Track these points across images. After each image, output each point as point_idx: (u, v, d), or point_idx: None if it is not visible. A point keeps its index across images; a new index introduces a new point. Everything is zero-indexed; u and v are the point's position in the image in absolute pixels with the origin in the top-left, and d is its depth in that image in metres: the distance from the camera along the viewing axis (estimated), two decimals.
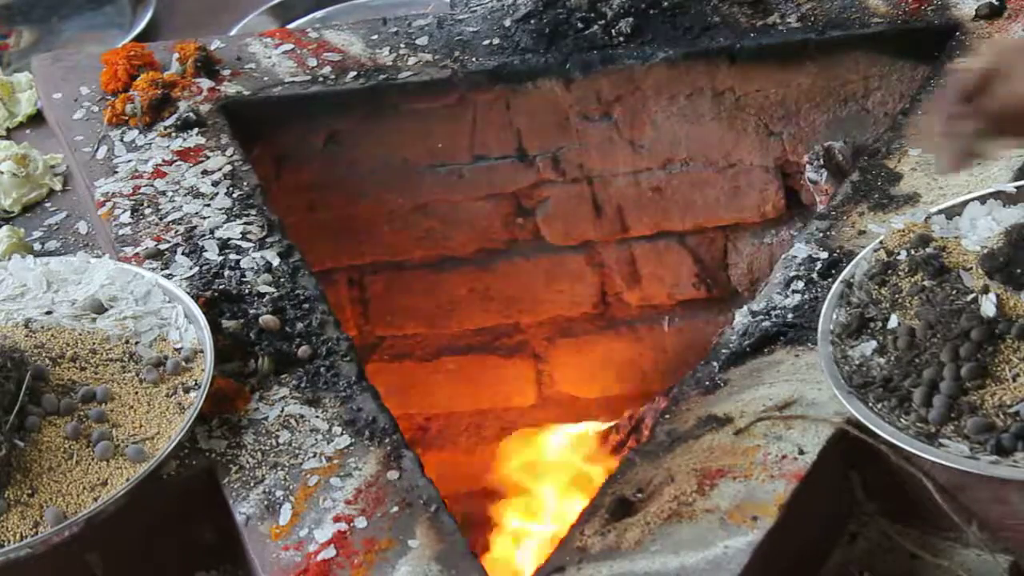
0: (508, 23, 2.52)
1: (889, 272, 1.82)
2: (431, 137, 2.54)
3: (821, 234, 2.02)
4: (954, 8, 2.44)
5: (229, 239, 2.09)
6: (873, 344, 1.75)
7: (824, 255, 1.97)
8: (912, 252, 1.82)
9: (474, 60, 2.48)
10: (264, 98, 2.44)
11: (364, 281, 2.71)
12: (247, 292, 1.99)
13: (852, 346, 1.77)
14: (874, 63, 2.45)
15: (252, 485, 1.73)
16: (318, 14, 3.12)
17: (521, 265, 2.72)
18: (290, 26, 2.96)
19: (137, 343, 1.85)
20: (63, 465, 1.69)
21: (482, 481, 2.79)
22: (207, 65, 2.47)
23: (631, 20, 2.47)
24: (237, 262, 2.05)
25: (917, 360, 1.70)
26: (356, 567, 1.62)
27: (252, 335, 1.92)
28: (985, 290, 1.72)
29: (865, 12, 2.46)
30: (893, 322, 1.76)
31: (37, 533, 1.63)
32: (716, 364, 1.86)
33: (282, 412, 1.81)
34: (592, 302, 2.78)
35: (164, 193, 2.21)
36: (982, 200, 1.87)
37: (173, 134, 2.34)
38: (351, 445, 1.76)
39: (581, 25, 2.49)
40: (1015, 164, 2.04)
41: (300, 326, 1.94)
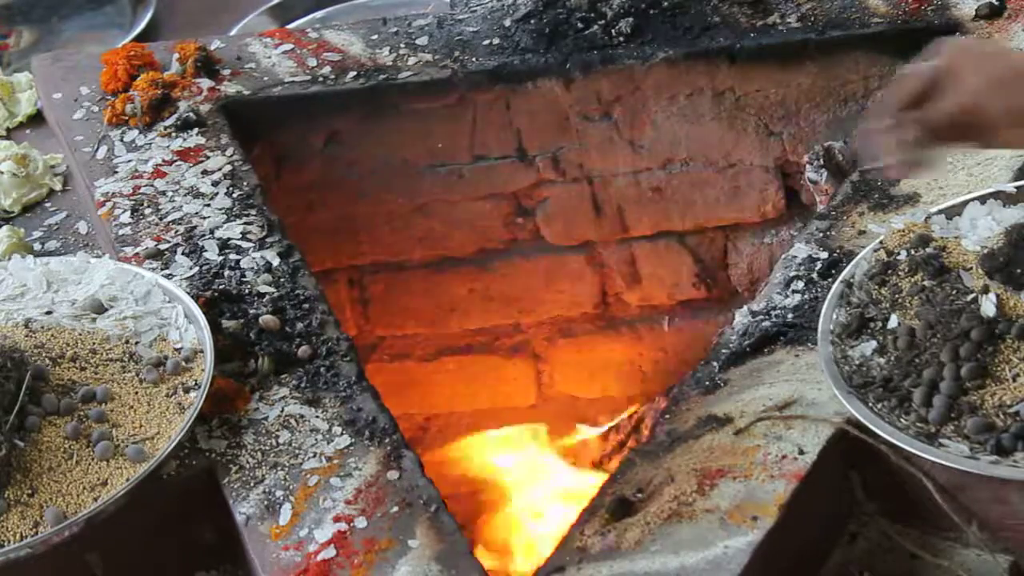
0: (508, 23, 2.52)
1: (889, 272, 1.82)
2: (431, 137, 2.54)
3: (821, 234, 2.02)
4: (954, 8, 2.44)
5: (229, 239, 2.09)
6: (873, 344, 1.75)
7: (824, 255, 1.97)
8: (912, 252, 1.82)
9: (474, 60, 2.48)
10: (264, 98, 2.44)
11: (364, 281, 2.71)
12: (247, 292, 1.99)
13: (852, 346, 1.76)
14: (874, 63, 2.45)
15: (252, 485, 1.72)
16: (318, 14, 3.12)
17: (521, 265, 2.72)
18: (290, 26, 2.96)
19: (137, 343, 1.85)
20: (63, 465, 1.69)
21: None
22: (207, 65, 2.47)
23: (631, 20, 2.46)
24: (237, 262, 2.05)
25: (917, 360, 1.70)
26: (356, 567, 1.62)
27: (252, 335, 1.92)
28: (985, 290, 1.72)
29: (865, 12, 2.45)
30: (893, 322, 1.75)
31: (37, 533, 1.63)
32: (716, 364, 1.86)
33: (282, 412, 1.81)
34: (592, 302, 2.78)
35: (164, 193, 2.21)
36: (982, 200, 1.87)
37: (173, 134, 2.34)
38: (351, 445, 1.76)
39: (581, 25, 2.48)
40: (1015, 164, 2.04)
41: (300, 326, 1.94)
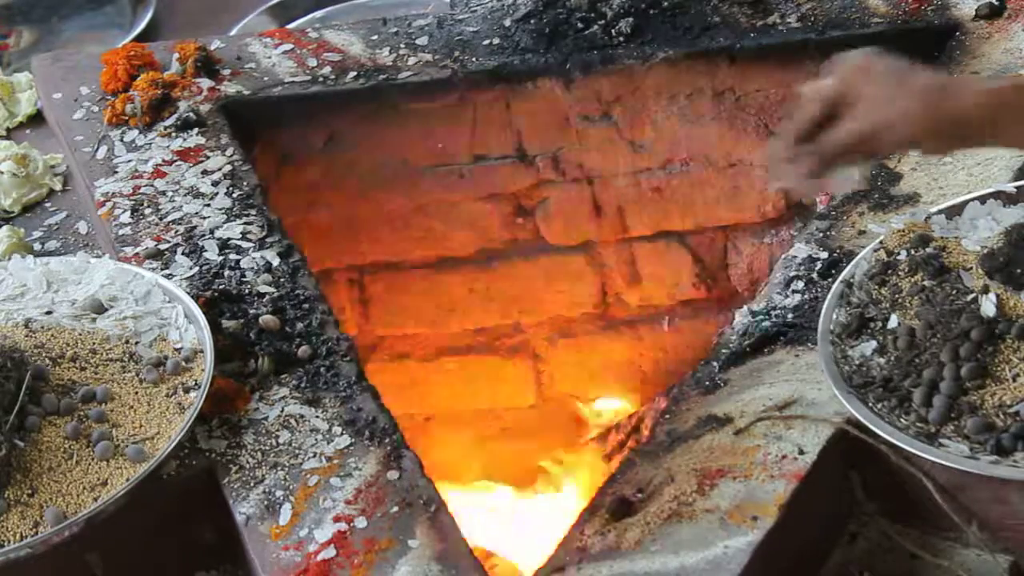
0: (508, 23, 2.52)
1: (889, 272, 1.82)
2: (431, 137, 2.54)
3: (821, 234, 2.02)
4: (954, 8, 2.44)
5: (229, 239, 2.09)
6: (873, 344, 1.75)
7: (824, 255, 1.97)
8: (912, 252, 1.82)
9: (474, 60, 2.48)
10: (264, 98, 2.44)
11: (364, 281, 2.71)
12: (247, 292, 1.99)
13: (852, 346, 1.76)
14: None
15: (252, 485, 1.72)
16: (318, 14, 3.12)
17: (521, 265, 2.72)
18: (290, 26, 2.96)
19: (137, 343, 1.85)
20: (63, 465, 1.69)
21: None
22: (207, 65, 2.47)
23: (631, 20, 2.47)
24: (237, 262, 2.05)
25: (917, 360, 1.70)
26: (356, 567, 1.62)
27: (252, 335, 1.91)
28: (985, 290, 1.72)
29: (865, 12, 2.46)
30: (893, 322, 1.75)
31: (37, 533, 1.63)
32: (716, 364, 1.86)
33: (282, 412, 1.81)
34: (592, 302, 2.78)
35: (164, 193, 2.21)
36: (982, 200, 1.87)
37: (173, 134, 2.34)
38: (351, 445, 1.76)
39: (581, 25, 2.48)
40: (1015, 164, 2.04)
41: (300, 326, 1.94)
